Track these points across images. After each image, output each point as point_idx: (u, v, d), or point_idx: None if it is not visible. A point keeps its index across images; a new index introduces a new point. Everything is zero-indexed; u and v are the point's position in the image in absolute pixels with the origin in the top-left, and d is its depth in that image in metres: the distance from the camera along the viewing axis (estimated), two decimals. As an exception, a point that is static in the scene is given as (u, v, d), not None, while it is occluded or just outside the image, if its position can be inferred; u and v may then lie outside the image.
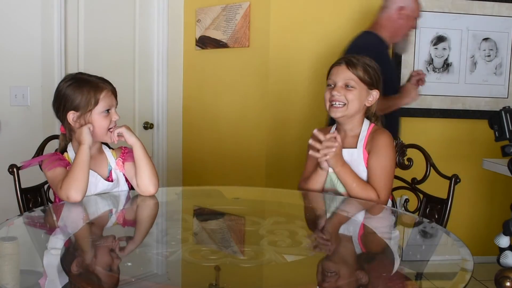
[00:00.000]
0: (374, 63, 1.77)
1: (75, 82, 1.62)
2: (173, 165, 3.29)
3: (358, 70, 1.72)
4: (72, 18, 2.74)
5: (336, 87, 1.74)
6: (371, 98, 1.77)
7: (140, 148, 1.65)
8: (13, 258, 1.17)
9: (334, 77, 1.76)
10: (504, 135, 1.20)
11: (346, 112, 1.73)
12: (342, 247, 1.35)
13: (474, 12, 2.99)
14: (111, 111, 1.63)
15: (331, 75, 1.78)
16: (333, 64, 1.79)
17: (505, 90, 3.07)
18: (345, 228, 1.53)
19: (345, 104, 1.73)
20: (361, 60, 1.75)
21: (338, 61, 1.79)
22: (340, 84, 1.73)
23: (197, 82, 3.23)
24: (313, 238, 1.42)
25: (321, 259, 1.26)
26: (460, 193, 1.88)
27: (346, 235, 1.48)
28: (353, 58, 1.76)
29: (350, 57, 1.77)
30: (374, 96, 1.77)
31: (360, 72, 1.72)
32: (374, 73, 1.75)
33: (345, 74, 1.73)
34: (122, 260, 1.17)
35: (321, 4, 2.87)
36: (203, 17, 3.13)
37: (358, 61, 1.74)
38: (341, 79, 1.73)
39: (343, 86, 1.73)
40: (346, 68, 1.73)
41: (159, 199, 1.72)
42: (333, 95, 1.73)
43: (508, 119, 1.20)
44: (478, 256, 1.86)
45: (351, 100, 1.72)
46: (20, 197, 1.68)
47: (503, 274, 1.11)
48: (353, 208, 1.69)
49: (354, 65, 1.73)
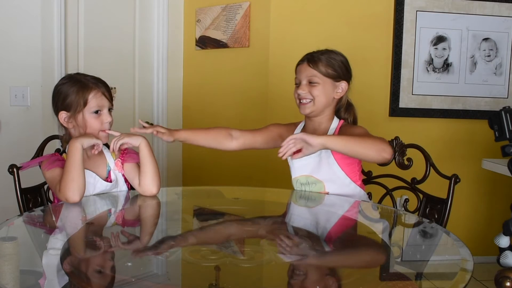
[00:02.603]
0: (340, 55, 1.78)
1: (68, 82, 1.62)
2: (173, 165, 3.29)
3: (320, 66, 1.74)
4: (72, 18, 2.74)
5: (301, 85, 1.76)
6: (340, 90, 1.77)
7: (145, 147, 1.64)
8: (13, 258, 1.17)
9: (298, 75, 1.79)
10: (504, 135, 1.20)
11: (314, 107, 1.75)
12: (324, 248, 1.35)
13: (474, 12, 2.98)
14: (102, 112, 1.62)
15: (296, 73, 1.81)
16: (298, 62, 1.81)
17: (505, 90, 3.07)
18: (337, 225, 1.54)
19: (311, 100, 1.74)
20: (324, 55, 1.76)
21: (301, 58, 1.80)
22: (304, 82, 1.76)
23: (197, 82, 3.23)
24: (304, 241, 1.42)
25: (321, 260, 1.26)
26: (460, 193, 1.88)
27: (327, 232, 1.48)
28: (315, 54, 1.77)
29: (312, 54, 1.78)
30: (342, 88, 1.77)
31: (322, 68, 1.74)
32: (339, 64, 1.76)
33: (307, 71, 1.75)
34: (130, 261, 1.17)
35: (321, 4, 2.87)
36: (203, 17, 3.13)
37: (319, 56, 1.75)
38: (304, 76, 1.76)
39: (307, 83, 1.75)
40: (307, 65, 1.75)
41: (159, 199, 1.72)
42: (299, 94, 1.76)
43: (508, 119, 1.20)
44: (478, 256, 1.86)
45: (316, 96, 1.74)
46: (20, 197, 1.68)
47: (503, 274, 1.11)
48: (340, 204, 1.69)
49: (315, 61, 1.74)
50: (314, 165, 1.76)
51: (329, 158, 1.74)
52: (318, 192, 1.77)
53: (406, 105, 2.98)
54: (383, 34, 2.93)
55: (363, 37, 2.86)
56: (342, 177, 1.75)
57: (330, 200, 1.75)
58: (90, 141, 1.57)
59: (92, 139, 1.58)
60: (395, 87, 2.95)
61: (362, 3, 2.88)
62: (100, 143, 1.61)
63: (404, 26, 2.92)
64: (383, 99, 2.97)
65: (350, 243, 1.40)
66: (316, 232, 1.49)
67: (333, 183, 1.76)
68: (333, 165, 1.74)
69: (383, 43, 2.92)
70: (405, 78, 2.96)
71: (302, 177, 1.79)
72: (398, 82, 2.95)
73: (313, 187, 1.78)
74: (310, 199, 1.77)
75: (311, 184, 1.78)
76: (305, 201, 1.78)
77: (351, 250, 1.30)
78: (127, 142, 1.62)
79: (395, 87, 2.95)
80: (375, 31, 2.90)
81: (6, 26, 2.51)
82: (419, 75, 2.98)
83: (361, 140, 1.58)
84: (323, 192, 1.77)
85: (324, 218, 1.64)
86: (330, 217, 1.64)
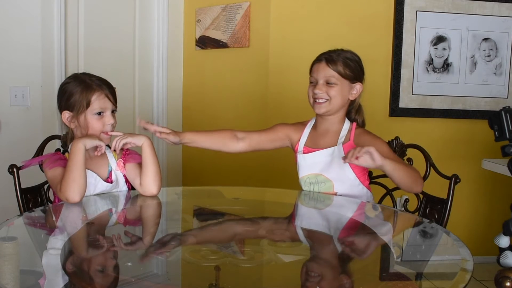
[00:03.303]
0: (355, 56, 1.78)
1: (73, 82, 1.62)
2: (173, 165, 3.29)
3: (338, 66, 1.72)
4: (72, 18, 2.74)
5: (318, 85, 1.75)
6: (355, 91, 1.77)
7: (148, 147, 1.64)
8: (13, 258, 1.17)
9: (315, 75, 1.77)
10: (504, 135, 1.20)
11: (329, 107, 1.74)
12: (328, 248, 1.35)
13: (474, 12, 2.98)
14: (104, 114, 1.62)
15: (312, 72, 1.79)
16: (314, 60, 1.80)
17: (505, 90, 3.07)
18: (338, 226, 1.53)
19: (327, 100, 1.74)
20: (341, 55, 1.75)
21: (318, 57, 1.79)
22: (321, 81, 1.74)
23: (197, 82, 3.23)
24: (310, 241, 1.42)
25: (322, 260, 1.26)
26: (460, 193, 1.88)
27: (334, 233, 1.48)
28: (333, 54, 1.76)
29: (330, 53, 1.77)
30: (357, 89, 1.77)
31: (340, 68, 1.72)
32: (355, 66, 1.76)
33: (326, 71, 1.74)
34: (130, 261, 1.17)
35: (321, 4, 2.87)
36: (203, 17, 3.13)
37: (338, 57, 1.74)
38: (322, 76, 1.74)
39: (324, 83, 1.74)
40: (326, 65, 1.74)
41: (159, 199, 1.72)
42: (315, 93, 1.75)
43: (508, 119, 1.20)
44: (478, 256, 1.86)
45: (333, 96, 1.73)
46: (20, 197, 1.68)
47: (503, 274, 1.11)
48: (347, 206, 1.69)
49: (334, 61, 1.73)
50: (325, 164, 1.75)
51: (340, 160, 1.72)
52: (326, 192, 1.76)
53: (406, 105, 2.98)
54: (383, 34, 2.93)
55: (363, 37, 2.86)
56: (352, 178, 1.73)
57: (338, 202, 1.74)
58: (93, 142, 1.57)
59: (95, 140, 1.57)
60: (395, 87, 2.95)
61: (362, 3, 2.88)
62: (103, 145, 1.60)
63: (404, 26, 2.92)
64: (383, 99, 2.97)
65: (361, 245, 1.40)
66: (329, 232, 1.49)
67: (342, 183, 1.74)
68: (345, 166, 1.72)
69: (383, 43, 2.92)
70: (405, 78, 2.96)
71: (312, 175, 1.77)
72: (398, 82, 2.95)
73: (322, 186, 1.76)
74: (319, 200, 1.77)
75: (320, 183, 1.76)
76: (314, 203, 1.77)
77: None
78: (130, 142, 1.61)
79: (395, 87, 2.95)
80: (375, 31, 2.90)
81: (6, 26, 2.51)
82: (419, 75, 2.98)
83: (407, 170, 1.60)
84: (331, 192, 1.76)
85: (334, 220, 1.63)
86: (340, 219, 1.62)
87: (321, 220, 1.63)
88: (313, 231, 1.50)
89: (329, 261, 1.22)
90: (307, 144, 1.82)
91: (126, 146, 1.63)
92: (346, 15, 2.87)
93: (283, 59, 2.85)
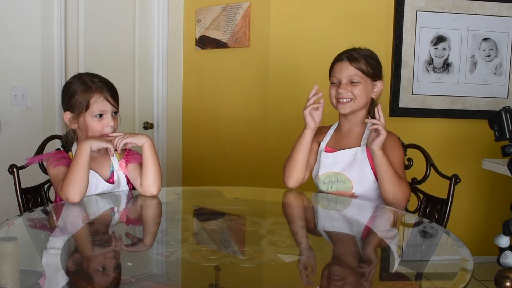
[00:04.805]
0: (374, 54, 1.77)
1: (75, 82, 1.62)
2: (173, 165, 3.29)
3: (361, 64, 1.71)
4: (72, 19, 2.74)
5: (341, 85, 1.73)
6: (376, 89, 1.76)
7: (149, 147, 1.63)
8: (13, 258, 1.17)
9: (338, 74, 1.74)
10: (504, 135, 1.20)
11: (354, 106, 1.73)
12: (342, 247, 1.35)
13: (474, 12, 2.98)
14: (104, 116, 1.61)
15: (334, 72, 1.76)
16: (335, 59, 1.78)
17: (505, 90, 3.07)
18: (344, 228, 1.53)
19: (352, 99, 1.72)
20: (362, 53, 1.73)
21: (339, 56, 1.76)
22: (345, 81, 1.72)
23: (197, 82, 3.23)
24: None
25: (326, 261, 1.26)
26: (460, 193, 1.88)
27: (346, 235, 1.48)
28: (354, 52, 1.74)
29: (350, 52, 1.75)
30: (378, 87, 1.77)
31: (363, 66, 1.71)
32: (376, 64, 1.75)
33: (349, 70, 1.72)
34: (130, 261, 1.17)
35: (321, 4, 2.87)
36: (203, 17, 3.13)
37: (359, 55, 1.73)
38: (345, 76, 1.72)
39: (348, 83, 1.72)
40: (349, 64, 1.72)
41: (160, 199, 1.72)
42: (339, 93, 1.72)
43: (508, 119, 1.19)
44: (478, 256, 1.86)
45: (358, 95, 1.72)
46: (20, 197, 1.68)
47: (503, 274, 1.11)
48: (351, 208, 1.69)
49: (356, 59, 1.71)
50: (347, 164, 1.74)
51: (364, 160, 1.72)
52: (343, 191, 1.74)
53: (406, 105, 2.98)
54: (383, 34, 2.93)
55: (363, 37, 2.85)
56: (372, 180, 1.72)
57: (356, 203, 1.72)
58: (100, 144, 1.56)
59: (102, 142, 1.57)
60: (395, 87, 2.95)
61: (362, 3, 2.88)
62: (111, 147, 1.59)
63: (404, 26, 2.92)
64: (383, 99, 2.94)
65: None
66: (351, 232, 1.49)
67: (361, 185, 1.73)
68: (366, 167, 1.72)
69: (383, 43, 2.92)
70: (405, 78, 2.96)
71: (332, 173, 1.76)
72: (398, 82, 2.95)
73: (340, 185, 1.74)
74: (338, 202, 1.76)
75: (340, 182, 1.74)
76: (334, 204, 1.76)
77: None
78: (130, 142, 1.60)
79: (395, 87, 2.95)
80: (375, 31, 2.90)
81: (6, 25, 2.50)
82: (419, 75, 2.98)
83: (397, 178, 1.64)
84: (349, 192, 1.74)
85: (355, 223, 1.62)
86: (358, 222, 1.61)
87: (343, 222, 1.62)
88: (336, 233, 1.50)
89: (349, 264, 1.22)
90: (329, 145, 1.82)
91: (127, 146, 1.62)
92: (346, 16, 2.87)
93: (283, 59, 2.85)
